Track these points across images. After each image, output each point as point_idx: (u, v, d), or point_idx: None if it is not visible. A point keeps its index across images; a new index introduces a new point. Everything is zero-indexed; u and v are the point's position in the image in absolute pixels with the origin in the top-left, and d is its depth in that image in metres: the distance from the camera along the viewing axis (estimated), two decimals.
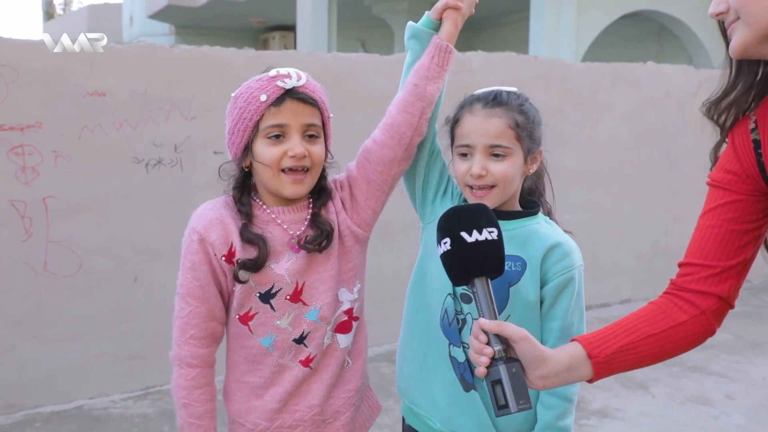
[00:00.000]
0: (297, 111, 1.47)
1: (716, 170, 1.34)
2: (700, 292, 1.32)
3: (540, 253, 1.55)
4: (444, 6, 1.57)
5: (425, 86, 1.54)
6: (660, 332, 1.31)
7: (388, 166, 1.56)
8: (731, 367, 4.37)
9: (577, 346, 1.32)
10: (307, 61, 4.18)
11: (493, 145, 1.54)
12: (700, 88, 5.89)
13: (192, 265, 1.50)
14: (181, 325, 1.53)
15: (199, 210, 1.54)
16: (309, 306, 1.54)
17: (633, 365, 1.33)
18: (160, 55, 3.77)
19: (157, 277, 3.84)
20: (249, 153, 1.50)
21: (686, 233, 5.27)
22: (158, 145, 3.79)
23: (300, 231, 1.53)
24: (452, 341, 1.60)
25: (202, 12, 12.78)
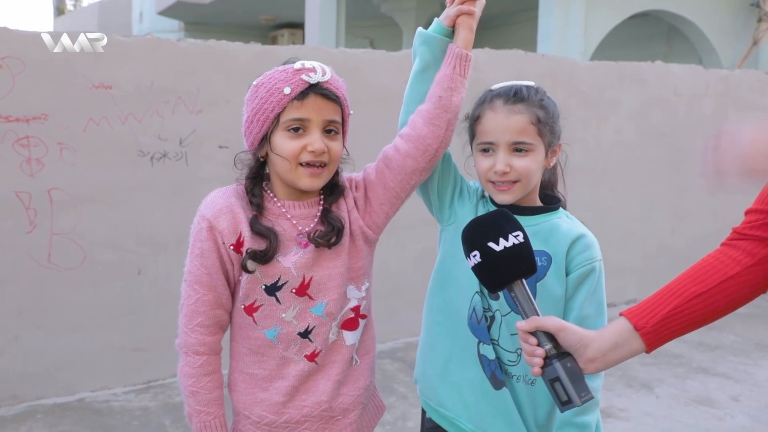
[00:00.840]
0: (320, 107, 1.46)
1: None
2: (760, 239, 1.28)
3: (564, 246, 1.56)
4: (457, 12, 1.56)
5: (450, 97, 1.53)
6: (710, 289, 1.28)
7: (409, 176, 1.55)
8: (737, 369, 4.34)
9: (622, 320, 1.31)
10: (314, 56, 4.13)
11: (516, 142, 1.54)
12: (709, 88, 5.86)
13: (200, 252, 1.49)
14: (188, 313, 1.52)
15: (209, 197, 1.53)
16: (315, 300, 1.53)
17: (687, 328, 1.29)
18: (167, 48, 3.77)
19: (161, 270, 3.84)
20: (266, 144, 1.49)
21: (693, 233, 5.28)
22: (163, 138, 3.79)
23: (309, 227, 1.52)
24: (482, 339, 1.60)
25: (211, 9, 12.79)
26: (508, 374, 1.59)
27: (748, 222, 1.32)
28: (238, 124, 4.39)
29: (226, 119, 3.92)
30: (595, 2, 8.22)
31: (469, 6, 1.55)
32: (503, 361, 1.59)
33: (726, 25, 9.13)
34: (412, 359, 4.30)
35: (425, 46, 1.60)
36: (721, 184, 1.30)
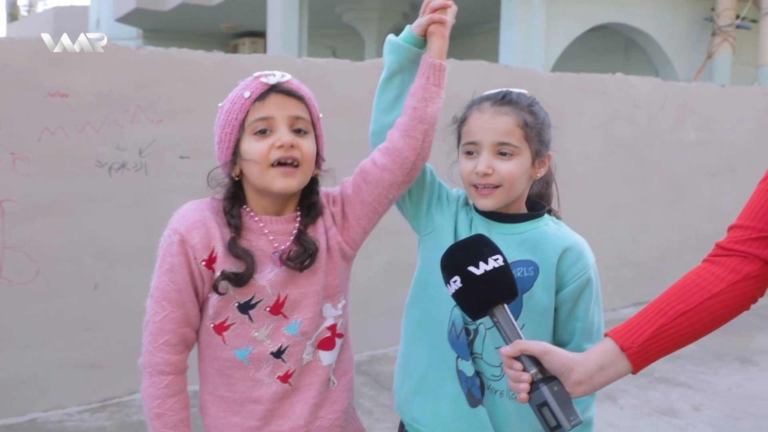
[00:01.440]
0: (282, 103, 1.43)
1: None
2: (743, 255, 1.28)
3: (553, 256, 1.52)
4: (429, 21, 1.53)
5: (425, 108, 1.50)
6: (694, 307, 1.26)
7: (387, 190, 1.52)
8: (697, 378, 4.39)
9: (607, 341, 1.29)
10: (277, 65, 4.08)
11: (500, 143, 1.50)
12: (668, 100, 5.96)
13: (170, 267, 1.43)
14: (154, 330, 1.45)
15: (181, 210, 1.48)
16: (289, 319, 1.48)
17: (673, 347, 1.28)
18: (126, 55, 3.68)
19: (120, 283, 3.73)
20: (238, 158, 1.45)
21: (655, 244, 5.33)
22: (122, 148, 3.68)
23: (285, 245, 1.48)
24: (461, 354, 1.56)
25: (170, 16, 12.64)
26: (492, 389, 1.55)
27: (732, 237, 1.32)
28: (200, 134, 4.31)
29: (188, 129, 3.83)
30: (556, 14, 8.33)
31: (441, 15, 1.53)
32: (487, 376, 1.55)
33: (681, 39, 9.34)
34: (377, 373, 4.25)
35: (393, 54, 1.57)
36: None
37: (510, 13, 8.22)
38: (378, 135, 1.58)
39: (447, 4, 1.53)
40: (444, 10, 1.53)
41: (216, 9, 11.84)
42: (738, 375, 4.47)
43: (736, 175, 6.48)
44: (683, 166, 6.15)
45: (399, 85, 1.55)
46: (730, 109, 6.38)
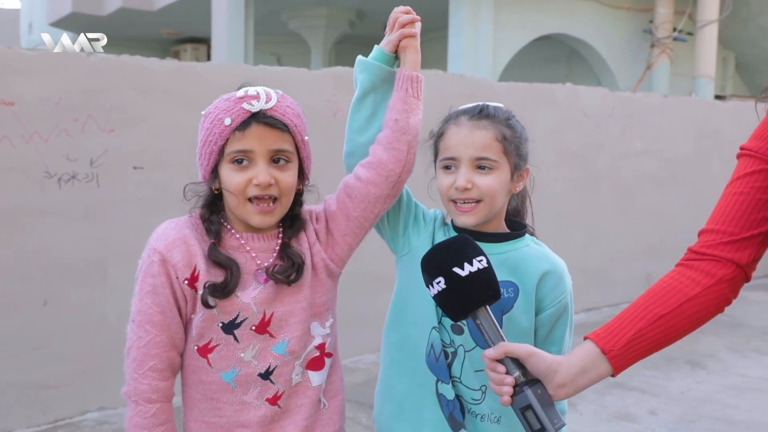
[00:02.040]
0: (263, 136, 1.38)
1: (749, 140, 1.36)
2: (717, 259, 1.30)
3: (534, 278, 1.51)
4: (400, 36, 1.54)
5: (407, 119, 1.49)
6: (672, 310, 1.29)
7: (373, 204, 1.49)
8: (650, 383, 4.49)
9: (588, 344, 1.30)
10: (233, 73, 4.03)
11: (479, 158, 1.48)
12: (615, 110, 6.10)
13: (152, 289, 1.38)
14: (138, 357, 1.39)
15: (159, 229, 1.43)
16: (276, 338, 1.43)
17: (652, 350, 1.31)
18: (76, 63, 3.54)
19: (70, 300, 3.58)
20: (216, 177, 1.42)
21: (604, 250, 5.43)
22: (73, 158, 3.54)
23: (269, 261, 1.44)
24: (440, 377, 1.52)
25: (109, 21, 12.30)
26: (472, 413, 1.52)
27: (704, 242, 1.34)
28: (155, 144, 4.19)
29: (142, 138, 3.71)
30: (503, 24, 8.45)
31: (411, 29, 1.54)
32: (466, 400, 1.52)
33: (622, 50, 9.60)
34: None
35: (365, 73, 1.56)
36: None
37: (457, 22, 8.29)
38: (352, 156, 1.55)
39: (415, 18, 1.55)
40: (412, 24, 1.55)
41: (157, 14, 11.59)
42: (689, 378, 4.59)
43: (679, 183, 6.68)
44: (630, 175, 6.31)
45: (372, 104, 1.55)
46: (672, 118, 6.58)
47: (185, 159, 3.85)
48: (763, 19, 9.92)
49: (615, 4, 9.45)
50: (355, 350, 4.42)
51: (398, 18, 1.54)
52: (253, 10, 9.77)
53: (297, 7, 10.71)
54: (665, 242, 6.57)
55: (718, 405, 4.14)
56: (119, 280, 3.66)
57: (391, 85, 1.54)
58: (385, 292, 1.96)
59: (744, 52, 10.63)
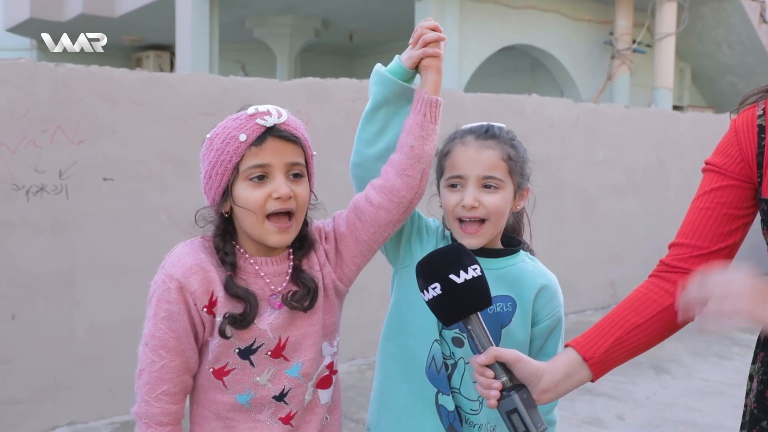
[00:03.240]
0: (280, 149, 1.38)
1: (714, 155, 1.39)
2: (687, 271, 1.36)
3: (531, 293, 1.55)
4: (423, 55, 1.49)
5: (422, 146, 1.47)
6: (648, 320, 1.36)
7: (383, 228, 1.49)
8: (617, 388, 4.58)
9: (570, 351, 1.37)
10: (206, 84, 4.02)
11: (486, 176, 1.51)
12: (579, 120, 6.22)
13: (168, 315, 1.37)
14: (151, 380, 1.38)
15: (174, 253, 1.41)
16: (290, 361, 1.44)
17: (627, 357, 1.37)
18: (44, 73, 3.50)
19: (39, 313, 3.52)
20: (228, 197, 1.40)
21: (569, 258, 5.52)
22: (41, 170, 3.49)
23: (282, 286, 1.44)
24: (441, 389, 1.55)
25: (68, 27, 12.08)
26: (470, 423, 1.56)
27: (675, 255, 1.41)
28: (125, 155, 4.16)
29: (111, 149, 3.68)
30: (468, 35, 8.55)
31: (435, 48, 1.49)
32: (465, 411, 1.56)
33: (584, 61, 9.78)
34: None
35: (380, 86, 1.53)
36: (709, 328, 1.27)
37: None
38: (360, 167, 1.56)
39: (441, 37, 1.50)
40: (437, 43, 1.49)
41: (118, 21, 11.43)
42: (654, 383, 4.69)
43: (640, 191, 6.83)
44: (594, 184, 6.43)
45: (383, 118, 1.53)
46: (633, 129, 6.74)
47: (156, 170, 3.83)
48: (717, 32, 10.22)
49: (576, 16, 9.64)
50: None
51: (423, 34, 1.49)
52: (217, 18, 9.71)
53: (262, 15, 10.67)
54: (628, 250, 6.71)
55: (683, 409, 4.25)
56: (89, 293, 3.62)
57: (405, 100, 1.52)
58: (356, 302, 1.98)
59: (700, 63, 10.92)
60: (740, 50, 10.17)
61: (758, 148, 1.32)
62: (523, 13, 9.08)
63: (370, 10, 9.78)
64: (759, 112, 1.33)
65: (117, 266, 3.68)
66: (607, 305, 6.62)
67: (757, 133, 1.32)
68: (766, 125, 1.32)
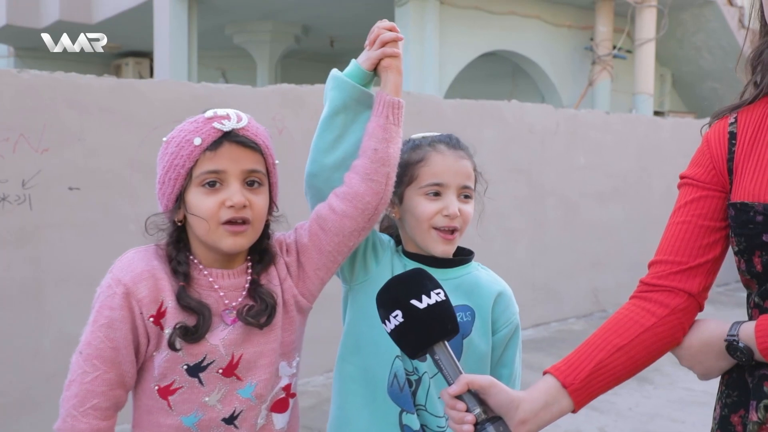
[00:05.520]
0: (236, 156, 1.30)
1: (687, 168, 1.35)
2: (668, 289, 1.30)
3: (488, 301, 1.51)
4: (381, 55, 1.44)
5: (387, 149, 1.41)
6: (630, 341, 1.28)
7: (347, 238, 1.41)
8: (600, 399, 4.43)
9: (549, 378, 1.27)
10: (177, 91, 3.92)
11: (464, 186, 1.51)
12: (559, 126, 6.17)
13: (108, 323, 1.28)
14: (81, 393, 1.28)
15: (125, 258, 1.33)
16: (243, 381, 1.35)
17: (612, 383, 1.28)
18: (6, 80, 3.38)
19: (2, 327, 3.39)
20: (182, 204, 1.32)
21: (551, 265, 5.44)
22: (3, 180, 3.37)
23: (237, 301, 1.35)
24: (405, 407, 1.47)
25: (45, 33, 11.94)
26: None
27: (655, 273, 1.34)
28: (92, 163, 4.03)
29: (78, 158, 3.56)
30: (448, 40, 8.50)
31: (393, 48, 1.44)
32: (431, 429, 1.48)
33: (565, 66, 9.77)
34: None
35: (337, 91, 1.46)
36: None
37: (403, 38, 8.29)
38: (317, 177, 1.47)
39: (399, 36, 1.46)
40: (395, 42, 1.45)
41: (96, 27, 11.28)
42: (637, 394, 4.62)
43: (623, 197, 6.79)
44: (575, 190, 6.38)
45: (341, 124, 1.46)
46: (614, 134, 6.70)
47: (125, 179, 3.72)
48: (697, 38, 10.24)
49: (557, 22, 9.62)
50: (302, 372, 4.30)
51: (380, 35, 1.44)
52: (196, 24, 9.60)
53: (242, 21, 10.57)
54: (611, 256, 6.66)
55: (666, 420, 4.18)
56: (55, 306, 3.50)
57: (363, 105, 1.46)
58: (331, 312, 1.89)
59: (680, 69, 10.94)
60: (720, 55, 10.19)
61: (728, 154, 1.28)
62: (503, 19, 9.04)
63: (351, 16, 9.71)
64: (731, 120, 1.31)
65: (85, 277, 3.56)
66: (589, 312, 6.56)
67: (728, 139, 1.29)
68: (737, 132, 1.29)
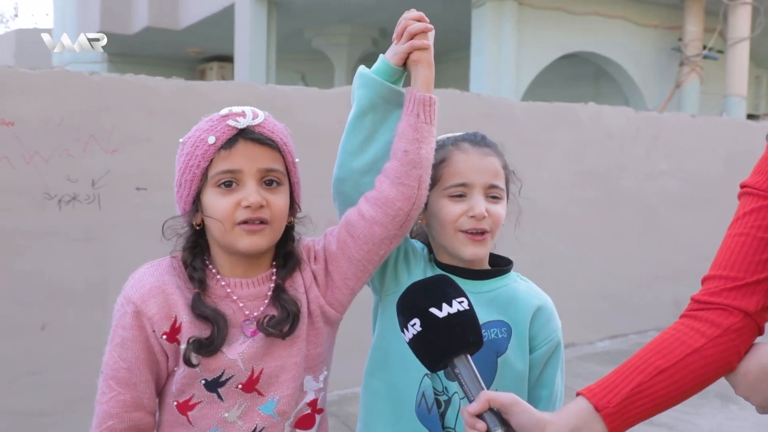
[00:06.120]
0: (252, 154, 1.24)
1: (750, 175, 1.22)
2: (722, 307, 1.17)
3: (526, 316, 1.39)
4: (410, 48, 1.33)
5: (418, 150, 1.30)
6: (675, 363, 1.15)
7: (378, 245, 1.32)
8: (680, 419, 4.25)
9: (581, 400, 1.16)
10: (241, 92, 3.94)
11: (492, 185, 1.39)
12: (640, 130, 5.90)
13: (121, 342, 1.24)
14: (100, 413, 1.26)
15: (136, 274, 1.29)
16: (265, 397, 1.28)
17: (652, 409, 1.15)
18: (78, 82, 3.47)
19: (69, 324, 3.48)
20: (199, 207, 1.27)
21: (629, 275, 5.14)
22: (73, 179, 3.46)
23: (259, 311, 1.28)
24: (433, 430, 1.38)
25: (136, 40, 12.41)
26: None
27: (708, 289, 1.22)
28: (158, 164, 4.07)
29: (145, 159, 3.62)
30: (526, 42, 8.30)
31: (423, 40, 1.33)
32: None
33: (650, 68, 9.38)
34: (346, 414, 4.04)
35: (364, 89, 1.37)
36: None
37: (480, 41, 8.16)
38: (344, 182, 1.39)
39: (428, 27, 1.34)
40: (425, 34, 1.34)
41: (182, 33, 11.65)
42: (720, 414, 4.34)
43: (712, 206, 6.42)
44: (656, 197, 6.08)
45: (370, 125, 1.37)
46: (700, 139, 6.35)
47: None
48: None
49: (643, 22, 9.25)
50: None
51: (408, 26, 1.34)
52: (275, 28, 9.75)
53: (320, 25, 10.68)
54: (695, 267, 6.28)
55: None
56: None
57: (393, 104, 1.36)
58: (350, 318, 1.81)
59: None
60: None
61: None
62: (586, 20, 8.76)
63: (427, 18, 9.63)
64: None
65: None
66: None
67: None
68: None
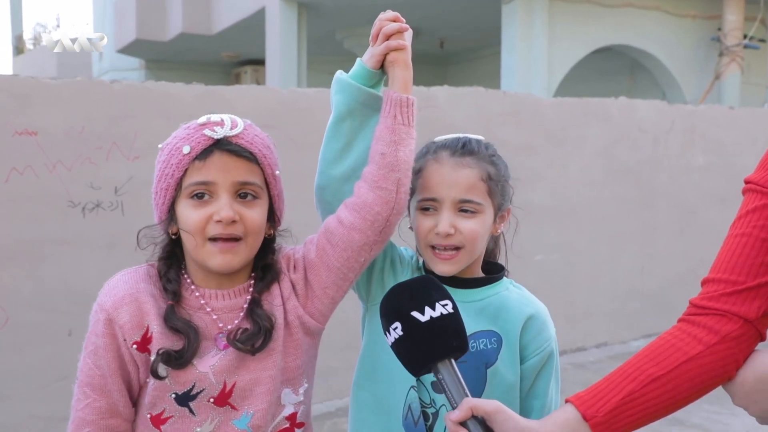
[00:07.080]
0: (227, 166, 1.22)
1: (754, 171, 1.14)
2: (720, 313, 1.11)
3: (517, 326, 1.34)
4: (386, 49, 1.30)
5: (395, 153, 1.27)
6: (669, 371, 1.10)
7: (357, 252, 1.29)
8: (712, 419, 4.12)
9: (569, 408, 1.11)
10: (262, 96, 3.95)
11: (463, 200, 1.32)
12: (675, 124, 5.74)
13: (94, 350, 1.25)
14: (75, 419, 1.26)
15: (112, 280, 1.29)
16: (239, 411, 1.26)
17: (643, 419, 1.10)
18: (100, 90, 3.52)
19: None
20: (173, 217, 1.25)
21: (663, 273, 4.99)
22: (97, 187, 3.51)
23: (233, 324, 1.26)
24: None
25: (171, 46, 12.59)
26: None
27: (707, 293, 1.15)
28: None
29: None
30: (558, 37, 8.17)
31: (399, 40, 1.30)
32: None
33: (688, 60, 9.14)
34: None
35: (341, 94, 1.34)
36: None
37: (510, 37, 8.06)
38: (325, 190, 1.37)
39: (403, 27, 1.31)
40: (401, 34, 1.31)
41: (216, 38, 11.77)
42: None
43: None
44: (692, 192, 5.92)
45: (348, 131, 1.34)
46: (740, 131, 6.15)
47: None
48: None
49: (680, 12, 9.02)
50: None
51: (383, 27, 1.31)
52: (305, 31, 9.78)
53: (351, 26, 10.68)
54: None
55: None
56: None
57: (371, 109, 1.33)
58: None
59: None
60: None
61: None
62: (619, 12, 8.58)
63: (459, 17, 9.56)
64: None
65: None
66: None
67: None
68: None
